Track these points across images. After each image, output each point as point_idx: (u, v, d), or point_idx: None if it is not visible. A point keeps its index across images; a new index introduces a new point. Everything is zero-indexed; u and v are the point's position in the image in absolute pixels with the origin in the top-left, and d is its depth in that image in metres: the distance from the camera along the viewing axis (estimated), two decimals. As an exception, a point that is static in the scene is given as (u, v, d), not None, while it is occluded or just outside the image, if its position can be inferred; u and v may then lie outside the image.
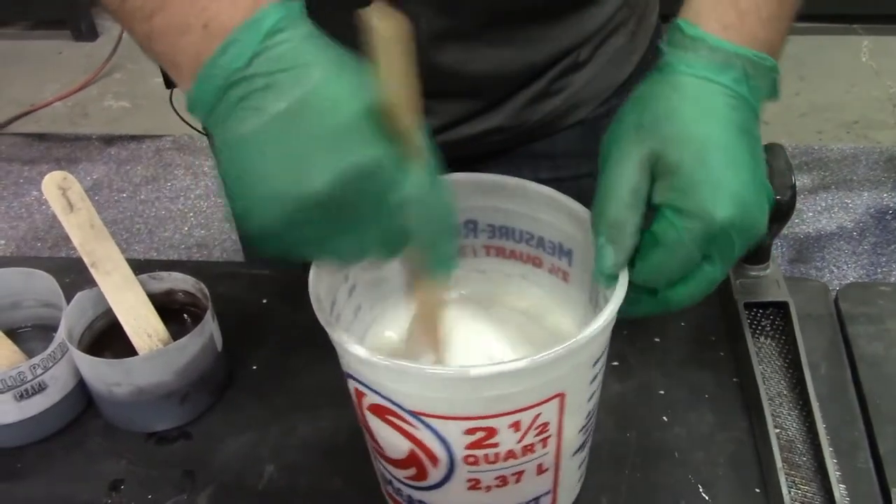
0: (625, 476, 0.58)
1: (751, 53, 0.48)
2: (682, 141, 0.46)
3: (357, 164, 0.39)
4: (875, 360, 0.66)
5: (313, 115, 0.39)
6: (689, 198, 0.45)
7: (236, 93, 0.40)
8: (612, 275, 0.47)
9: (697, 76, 0.47)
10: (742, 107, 0.48)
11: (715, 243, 0.46)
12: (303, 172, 0.39)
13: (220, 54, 0.40)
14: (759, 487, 0.58)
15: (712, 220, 0.45)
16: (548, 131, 0.73)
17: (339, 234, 0.42)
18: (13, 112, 2.68)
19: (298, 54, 0.40)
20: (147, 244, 2.17)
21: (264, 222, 0.41)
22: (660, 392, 0.64)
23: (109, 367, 0.61)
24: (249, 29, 0.40)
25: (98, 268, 0.63)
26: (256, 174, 0.40)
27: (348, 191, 0.39)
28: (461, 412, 0.45)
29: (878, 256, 1.95)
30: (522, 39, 0.67)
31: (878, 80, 2.58)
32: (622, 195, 0.47)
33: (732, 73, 0.47)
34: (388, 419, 0.47)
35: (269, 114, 0.40)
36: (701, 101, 0.47)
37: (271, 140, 0.40)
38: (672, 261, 0.47)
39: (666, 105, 0.47)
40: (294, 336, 0.71)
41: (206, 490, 0.60)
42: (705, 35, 0.48)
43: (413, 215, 0.42)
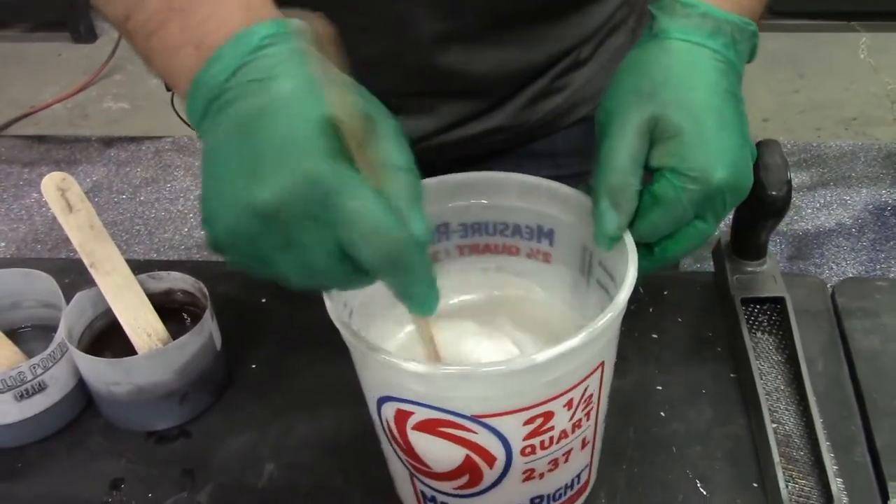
0: (623, 471, 0.59)
1: (737, 19, 0.51)
2: (680, 106, 0.48)
3: (302, 175, 0.38)
4: (872, 354, 0.66)
5: (269, 126, 0.39)
6: (689, 161, 0.48)
7: (217, 104, 0.41)
8: (615, 237, 0.49)
9: (691, 41, 0.50)
10: (729, 71, 0.50)
11: (710, 203, 0.49)
12: (251, 182, 0.39)
13: (207, 68, 0.41)
14: (756, 482, 0.58)
15: (710, 181, 0.48)
16: (549, 130, 0.74)
17: (283, 250, 0.40)
18: (13, 114, 2.69)
19: (276, 68, 0.40)
20: (147, 245, 2.17)
21: (218, 231, 0.41)
22: (658, 387, 0.65)
23: (109, 367, 0.61)
24: (236, 44, 0.41)
25: (97, 268, 0.64)
26: (216, 182, 0.41)
27: (290, 204, 0.38)
28: (522, 403, 0.45)
29: (876, 253, 1.95)
30: (524, 39, 0.67)
31: (877, 77, 2.58)
32: (624, 161, 0.49)
33: (722, 38, 0.50)
34: (440, 432, 0.46)
35: (232, 122, 0.40)
36: (696, 67, 0.49)
37: (232, 149, 0.40)
38: (669, 219, 0.49)
39: (663, 71, 0.49)
40: (293, 335, 0.71)
41: (205, 488, 0.60)
42: (697, 2, 0.50)
43: (356, 234, 0.39)
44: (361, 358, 0.48)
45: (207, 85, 0.41)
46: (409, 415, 0.46)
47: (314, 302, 0.72)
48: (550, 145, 0.74)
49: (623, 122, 0.49)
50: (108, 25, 3.02)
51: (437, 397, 0.45)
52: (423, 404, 0.45)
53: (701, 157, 0.48)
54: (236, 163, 0.40)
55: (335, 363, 0.64)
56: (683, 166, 0.48)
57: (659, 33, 0.51)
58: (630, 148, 0.49)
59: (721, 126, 0.49)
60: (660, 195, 0.49)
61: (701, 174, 0.48)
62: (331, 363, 0.66)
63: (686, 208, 0.49)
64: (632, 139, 0.49)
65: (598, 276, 0.54)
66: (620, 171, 0.49)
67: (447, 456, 0.48)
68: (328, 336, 0.47)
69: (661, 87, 0.49)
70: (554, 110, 0.72)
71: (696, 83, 0.49)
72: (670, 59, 0.50)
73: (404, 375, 0.44)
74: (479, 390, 0.44)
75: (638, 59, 0.51)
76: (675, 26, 0.50)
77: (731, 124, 0.49)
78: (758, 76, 2.57)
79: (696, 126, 0.48)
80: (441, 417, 0.45)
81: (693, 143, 0.48)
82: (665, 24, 0.51)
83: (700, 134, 0.48)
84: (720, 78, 0.50)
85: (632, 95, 0.49)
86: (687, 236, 0.50)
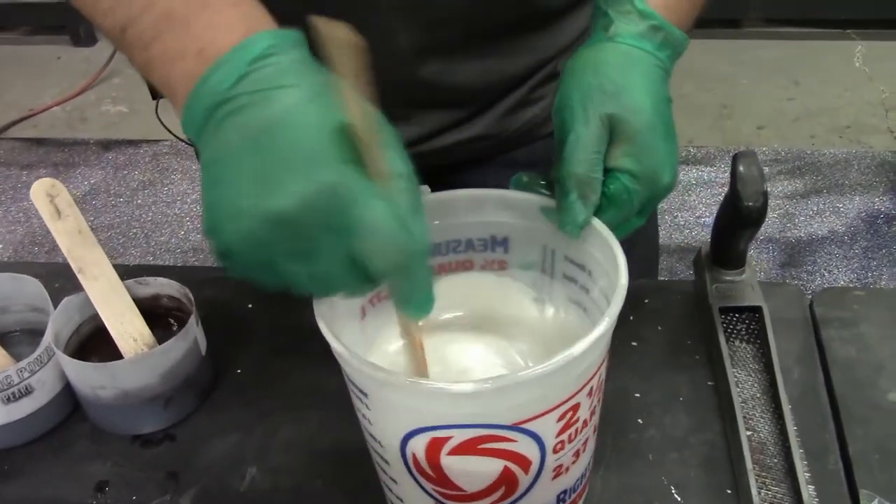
0: (599, 476, 0.60)
1: (679, 34, 0.54)
2: (638, 111, 0.52)
3: (317, 185, 0.39)
4: (848, 363, 0.67)
5: (283, 135, 0.40)
6: (643, 165, 0.52)
7: (220, 112, 0.41)
8: (582, 225, 0.52)
9: (645, 50, 0.54)
10: (666, 78, 0.55)
11: (651, 202, 0.54)
12: (267, 190, 0.40)
13: (209, 76, 0.42)
14: (730, 488, 0.59)
15: (659, 184, 0.53)
16: (528, 139, 0.75)
17: (295, 258, 0.41)
18: (12, 117, 2.70)
19: (280, 77, 0.41)
20: (143, 248, 2.18)
21: (227, 239, 0.41)
22: (636, 395, 0.65)
23: (95, 371, 0.62)
24: (239, 52, 0.41)
25: (85, 273, 0.65)
26: (225, 190, 0.41)
27: (309, 212, 0.39)
28: (557, 400, 0.46)
29: (868, 261, 1.96)
30: (502, 51, 0.68)
31: (872, 85, 2.59)
32: (591, 154, 0.52)
33: (667, 50, 0.54)
34: (479, 449, 0.46)
35: (243, 132, 0.41)
36: (648, 75, 0.53)
37: (242, 158, 0.40)
38: (620, 217, 0.53)
39: (623, 76, 0.52)
40: (278, 340, 0.72)
41: (189, 491, 0.61)
42: (653, 13, 0.54)
43: (371, 244, 0.40)
44: (382, 399, 0.46)
45: (209, 93, 0.42)
46: (444, 441, 0.46)
47: (298, 308, 0.73)
48: (530, 154, 0.75)
49: (587, 117, 0.52)
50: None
51: (479, 414, 0.44)
52: (463, 425, 0.45)
53: (653, 162, 0.52)
54: (248, 171, 0.40)
55: (319, 368, 0.66)
56: (637, 169, 0.52)
57: (615, 37, 0.54)
58: (596, 142, 0.52)
59: (667, 133, 0.53)
60: (615, 195, 0.52)
61: (652, 177, 0.52)
62: (314, 368, 0.67)
63: (635, 207, 0.53)
64: (597, 134, 0.52)
65: (563, 270, 0.56)
66: (587, 164, 0.51)
67: (484, 473, 0.48)
68: (312, 342, 0.48)
69: (621, 90, 0.52)
70: (532, 119, 0.73)
71: (650, 91, 0.53)
72: (626, 64, 0.53)
73: (447, 400, 0.44)
74: (523, 396, 0.44)
75: (596, 59, 0.54)
76: (630, 33, 0.53)
77: (672, 129, 0.54)
78: (753, 84, 2.59)
79: (650, 132, 0.52)
80: (482, 434, 0.45)
81: (646, 148, 0.52)
82: (621, 30, 0.54)
83: (652, 140, 0.52)
84: (663, 86, 0.54)
85: (595, 92, 0.52)
86: (623, 230, 0.54)
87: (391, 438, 0.48)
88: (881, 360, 0.67)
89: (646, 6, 0.54)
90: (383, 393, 0.46)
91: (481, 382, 0.42)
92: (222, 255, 0.42)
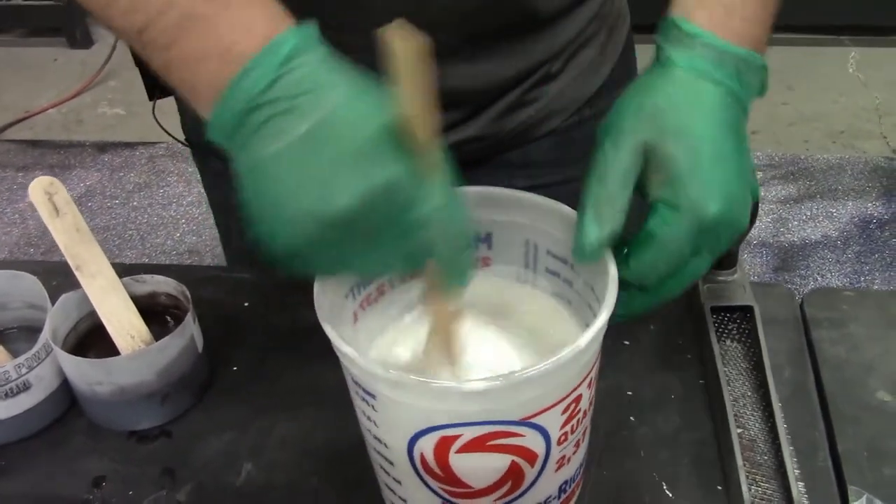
0: (591, 474, 0.60)
1: (741, 51, 0.50)
2: (678, 134, 0.48)
3: (379, 183, 0.40)
4: (837, 363, 0.68)
5: (335, 136, 0.40)
6: (682, 193, 0.47)
7: (258, 117, 0.41)
8: (593, 249, 0.48)
9: (696, 70, 0.49)
10: (733, 104, 0.49)
11: (704, 237, 0.48)
12: (326, 192, 0.40)
13: (239, 80, 0.41)
14: (720, 485, 0.59)
15: (703, 214, 0.47)
16: (522, 140, 0.75)
17: (362, 252, 0.43)
18: (8, 118, 2.70)
19: (318, 77, 0.41)
20: (139, 250, 2.18)
21: (290, 243, 0.42)
22: (628, 393, 0.66)
23: (92, 367, 0.62)
24: (268, 54, 0.41)
25: (83, 270, 0.65)
26: (281, 196, 0.41)
27: (371, 209, 0.40)
28: (562, 393, 0.46)
29: (861, 265, 1.97)
30: (496, 54, 0.69)
31: (865, 91, 2.61)
32: (613, 174, 0.48)
33: (725, 69, 0.49)
34: (488, 446, 0.46)
35: (293, 136, 0.41)
36: (697, 97, 0.49)
37: (295, 162, 0.41)
38: (666, 256, 0.48)
39: (665, 97, 0.49)
40: (274, 338, 0.73)
41: (185, 487, 0.61)
42: (700, 31, 0.49)
43: (432, 232, 0.43)
44: (391, 401, 0.46)
45: (241, 98, 0.41)
46: (454, 440, 0.46)
47: (293, 307, 0.74)
48: (524, 156, 0.75)
49: (618, 138, 0.49)
50: (104, 32, 3.05)
51: (489, 411, 0.45)
52: (472, 423, 0.45)
53: (693, 189, 0.47)
54: (304, 174, 0.40)
55: (314, 366, 0.67)
56: (676, 198, 0.47)
57: (665, 62, 0.50)
58: (621, 162, 0.48)
59: (717, 158, 0.48)
60: (655, 229, 0.48)
61: (693, 206, 0.47)
62: (309, 366, 0.68)
63: (682, 244, 0.48)
64: (624, 155, 0.49)
65: (546, 264, 0.57)
66: (607, 183, 0.49)
67: (492, 469, 0.48)
68: (307, 339, 0.49)
69: (660, 112, 0.48)
70: (526, 121, 0.74)
71: (696, 112, 0.48)
72: (674, 88, 0.49)
73: (457, 399, 0.44)
74: (532, 391, 0.45)
75: (644, 84, 0.51)
76: (679, 55, 0.50)
77: (728, 157, 0.48)
78: (747, 89, 2.60)
79: (692, 156, 0.47)
80: (491, 431, 0.46)
81: (685, 173, 0.47)
82: (670, 54, 0.50)
83: (693, 165, 0.47)
84: (721, 110, 0.49)
85: (632, 115, 0.49)
86: (681, 273, 0.50)
87: (398, 440, 0.48)
88: (870, 360, 0.68)
89: (691, 26, 0.50)
90: (392, 394, 0.46)
91: (492, 379, 0.43)
92: (287, 259, 0.43)
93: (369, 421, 0.49)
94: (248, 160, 0.42)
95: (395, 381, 0.44)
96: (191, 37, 0.43)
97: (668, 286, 0.50)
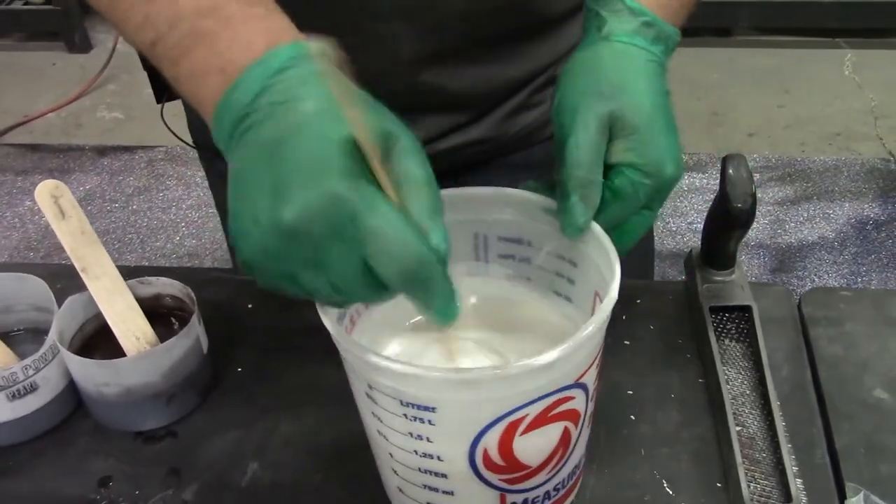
0: (592, 471, 0.61)
1: (671, 29, 0.56)
2: (636, 108, 0.53)
3: (324, 194, 0.40)
4: (834, 361, 0.68)
5: (293, 146, 0.41)
6: (645, 157, 0.53)
7: (242, 126, 0.43)
8: (583, 228, 0.53)
9: (639, 46, 0.55)
10: (663, 73, 0.56)
11: (658, 194, 0.54)
12: (277, 202, 0.40)
13: (231, 91, 0.43)
14: (720, 482, 0.60)
15: (663, 175, 0.53)
16: (526, 143, 0.76)
17: (311, 268, 0.42)
18: (7, 123, 2.70)
19: (295, 90, 0.42)
20: (139, 254, 2.19)
21: (248, 250, 0.42)
22: (628, 391, 0.67)
23: (99, 368, 0.63)
24: (259, 67, 0.43)
25: (88, 273, 0.66)
26: (244, 202, 0.42)
27: (316, 222, 0.40)
28: (596, 353, 0.50)
29: (858, 266, 1.98)
30: (502, 58, 0.70)
31: (861, 93, 2.62)
32: (591, 157, 0.53)
33: (661, 45, 0.55)
34: (549, 417, 0.48)
35: (258, 144, 0.42)
36: (644, 71, 0.54)
37: (258, 170, 0.42)
38: (626, 210, 0.54)
39: (619, 74, 0.54)
40: (277, 340, 0.73)
41: (191, 487, 0.62)
42: (644, 9, 0.55)
43: (379, 251, 0.41)
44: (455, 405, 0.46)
45: (232, 108, 0.43)
46: (519, 422, 0.47)
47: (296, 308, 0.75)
48: (527, 158, 0.76)
49: (586, 120, 0.52)
50: (102, 36, 3.06)
51: (553, 381, 0.47)
52: (537, 399, 0.47)
53: (655, 154, 0.53)
54: (263, 183, 0.41)
55: (316, 366, 0.68)
56: (640, 162, 0.53)
57: (609, 36, 0.55)
58: (595, 144, 0.53)
59: (668, 125, 0.54)
60: (620, 189, 0.53)
61: (655, 169, 0.53)
62: (312, 366, 0.69)
63: (641, 200, 0.54)
64: (595, 136, 0.52)
65: (498, 250, 0.59)
66: (587, 166, 0.52)
67: (548, 442, 0.50)
68: (311, 340, 0.49)
69: (618, 89, 0.53)
70: (531, 124, 0.74)
71: (645, 85, 0.54)
72: (622, 62, 0.54)
73: (529, 377, 0.45)
74: (586, 348, 0.48)
75: (591, 60, 0.55)
76: (623, 31, 0.55)
77: (672, 121, 0.55)
78: (743, 91, 2.61)
79: (650, 125, 0.53)
80: (552, 401, 0.48)
81: (648, 141, 0.53)
82: (614, 28, 0.55)
83: (653, 133, 0.53)
84: (660, 81, 0.55)
85: (591, 95, 0.53)
86: (638, 226, 0.56)
87: (459, 445, 0.48)
88: (866, 358, 0.68)
89: (636, 3, 0.55)
90: (461, 396, 0.46)
91: (561, 348, 0.45)
92: (246, 266, 0.44)
93: (419, 440, 0.49)
94: (232, 166, 0.43)
95: (471, 380, 0.45)
96: (196, 52, 0.45)
97: (626, 240, 0.56)
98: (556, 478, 0.53)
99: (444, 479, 0.51)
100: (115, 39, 2.84)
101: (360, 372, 0.48)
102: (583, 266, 0.55)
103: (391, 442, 0.50)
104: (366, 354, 0.46)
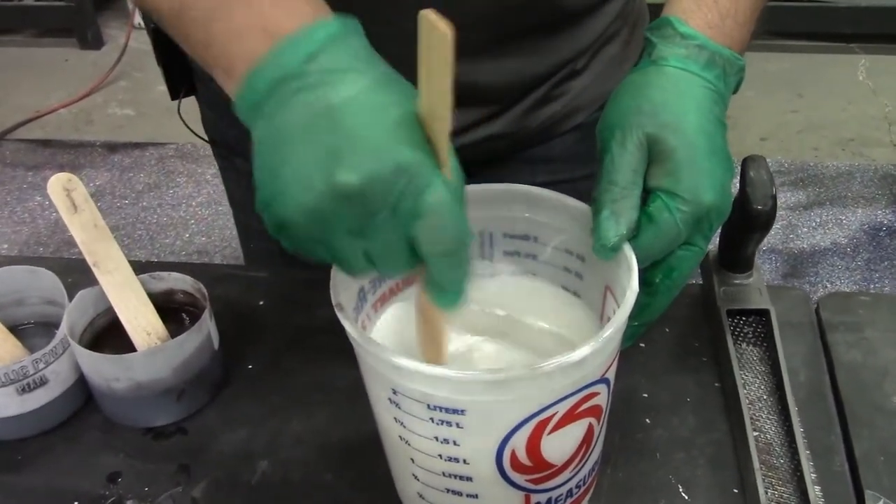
0: (607, 475, 0.60)
1: (728, 53, 0.54)
2: (676, 129, 0.51)
3: (387, 165, 0.40)
4: (853, 366, 0.67)
5: (359, 115, 0.41)
6: (682, 182, 0.51)
7: (289, 88, 0.42)
8: (615, 246, 0.51)
9: (688, 70, 0.53)
10: (719, 100, 0.54)
11: (699, 224, 0.52)
12: (337, 165, 0.40)
13: (277, 51, 0.43)
14: (737, 488, 0.59)
15: (700, 203, 0.51)
16: (547, 136, 0.76)
17: (354, 234, 0.42)
18: (19, 118, 2.71)
19: (351, 62, 0.43)
20: (148, 250, 2.19)
21: (288, 211, 0.42)
22: (644, 395, 0.66)
23: (109, 363, 0.63)
24: (309, 33, 0.43)
25: (100, 267, 0.65)
26: (291, 163, 0.42)
27: (377, 189, 0.41)
28: (617, 348, 0.50)
29: (871, 272, 1.97)
30: (525, 52, 0.69)
31: (875, 99, 2.61)
32: (626, 174, 0.52)
33: (715, 70, 0.54)
34: (577, 414, 0.48)
35: (319, 108, 0.42)
36: (691, 94, 0.53)
37: (312, 133, 0.41)
38: (663, 239, 0.52)
39: (662, 94, 0.53)
40: (288, 336, 0.73)
41: (200, 484, 0.61)
42: (696, 34, 0.54)
43: (428, 227, 0.42)
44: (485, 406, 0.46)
45: (277, 67, 0.42)
46: (548, 421, 0.47)
47: (307, 305, 0.74)
48: (547, 151, 0.76)
49: (624, 138, 0.52)
50: (114, 33, 3.06)
51: (581, 377, 0.46)
52: (565, 396, 0.46)
53: (692, 180, 0.51)
54: (319, 146, 0.41)
55: (327, 364, 0.67)
56: (677, 188, 0.51)
57: (658, 60, 0.54)
58: (631, 162, 0.52)
59: (711, 150, 0.52)
60: (654, 215, 0.51)
61: (692, 196, 0.51)
62: (323, 364, 0.68)
63: (679, 229, 0.51)
64: (632, 154, 0.52)
65: (504, 248, 0.58)
66: (622, 184, 0.51)
67: (573, 439, 0.50)
68: (322, 338, 0.49)
69: (659, 108, 0.52)
70: (552, 117, 0.74)
71: (691, 109, 0.52)
72: (668, 85, 0.53)
73: (559, 375, 0.45)
74: (611, 344, 0.47)
75: (638, 82, 0.54)
76: (673, 55, 0.54)
77: (720, 151, 0.52)
78: (757, 96, 2.60)
79: (690, 149, 0.51)
80: (579, 398, 0.47)
81: (686, 165, 0.51)
82: (664, 53, 0.54)
83: (692, 157, 0.51)
84: (711, 106, 0.53)
85: (632, 113, 0.52)
86: (681, 262, 0.53)
87: (487, 447, 0.47)
88: (886, 365, 0.68)
89: (687, 28, 0.54)
90: (492, 397, 0.45)
91: (593, 342, 0.44)
92: (280, 227, 0.43)
93: (445, 444, 0.48)
94: (270, 127, 0.43)
95: (504, 380, 0.44)
96: (234, 12, 0.45)
97: (674, 275, 0.54)
98: (578, 475, 0.53)
99: (468, 482, 0.50)
100: (127, 36, 2.84)
101: (384, 375, 0.47)
102: (592, 261, 0.54)
103: (413, 447, 0.49)
104: (393, 357, 0.45)
